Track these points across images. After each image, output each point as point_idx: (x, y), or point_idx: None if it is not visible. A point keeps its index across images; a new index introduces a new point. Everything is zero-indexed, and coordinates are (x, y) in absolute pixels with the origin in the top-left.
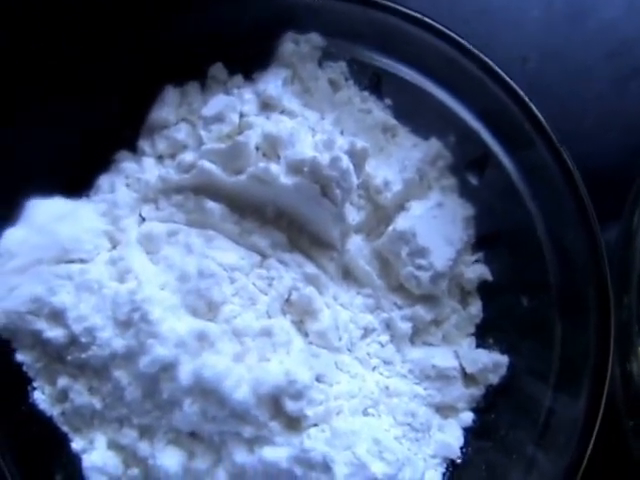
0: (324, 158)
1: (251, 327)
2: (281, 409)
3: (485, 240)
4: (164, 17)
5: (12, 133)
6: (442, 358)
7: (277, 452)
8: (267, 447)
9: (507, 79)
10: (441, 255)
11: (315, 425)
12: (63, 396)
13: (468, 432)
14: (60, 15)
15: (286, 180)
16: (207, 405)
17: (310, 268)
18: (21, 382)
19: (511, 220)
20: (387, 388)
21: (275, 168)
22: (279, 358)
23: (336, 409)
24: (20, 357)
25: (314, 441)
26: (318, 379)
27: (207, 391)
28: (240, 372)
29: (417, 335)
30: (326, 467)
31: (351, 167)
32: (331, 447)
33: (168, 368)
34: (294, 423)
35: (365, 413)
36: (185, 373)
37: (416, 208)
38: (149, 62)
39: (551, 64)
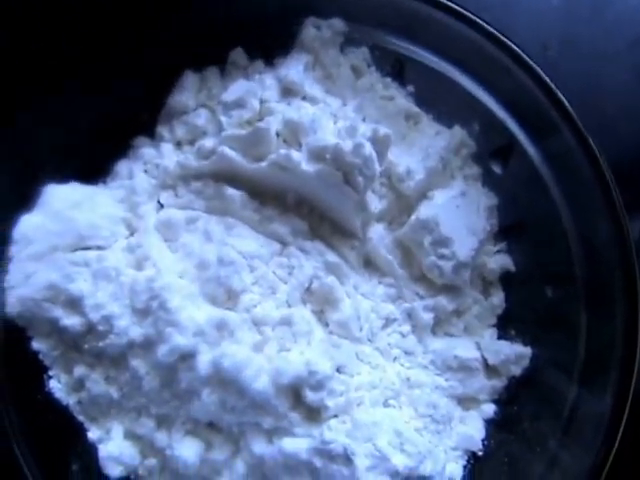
0: (346, 145)
1: (271, 316)
2: (301, 400)
3: (508, 230)
4: (184, 2)
5: (29, 118)
6: (464, 349)
7: (297, 443)
8: (287, 438)
9: (534, 65)
10: (464, 245)
11: (335, 416)
12: (79, 385)
13: (490, 424)
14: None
15: (308, 167)
16: (226, 395)
17: (331, 257)
18: (37, 370)
19: (535, 210)
20: (408, 379)
21: (296, 155)
22: (299, 348)
23: (357, 400)
24: (36, 345)
25: (335, 432)
26: (339, 370)
27: (226, 381)
28: (260, 362)
29: (438, 325)
30: (347, 459)
31: (374, 154)
32: (352, 439)
33: (187, 357)
34: (314, 414)
35: (386, 404)
36: (204, 363)
37: (439, 197)
38: (168, 47)
39: (572, 52)
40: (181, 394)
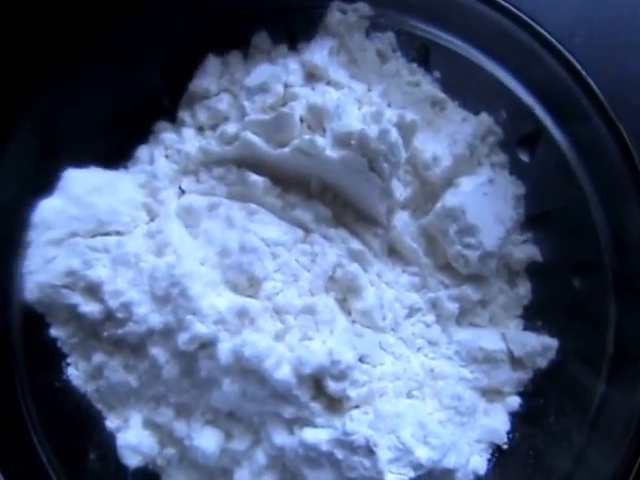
0: (372, 131)
1: (293, 304)
2: (323, 390)
3: (535, 219)
4: None
5: (48, 103)
6: (489, 340)
7: (318, 434)
8: (308, 429)
9: (563, 51)
10: (491, 234)
11: (357, 407)
12: (98, 373)
13: (515, 417)
14: None
15: (332, 153)
16: (247, 384)
17: (355, 244)
18: (55, 358)
19: (563, 199)
20: (432, 370)
21: (321, 141)
22: (322, 337)
23: (380, 391)
24: (55, 332)
25: (357, 423)
26: (362, 359)
27: (247, 370)
28: (281, 351)
29: (463, 316)
30: (369, 451)
31: (400, 140)
32: (374, 430)
33: (207, 346)
34: (336, 404)
35: (409, 395)
36: (224, 351)
37: (466, 184)
38: (190, 31)
39: (599, 39)
40: (201, 383)
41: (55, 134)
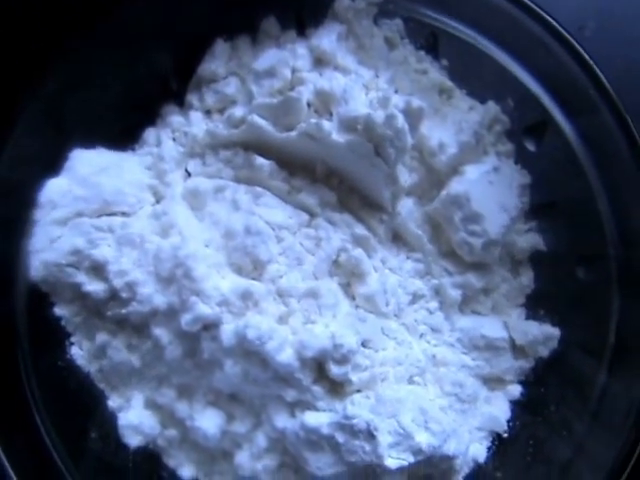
0: (378, 116)
1: (297, 288)
2: (325, 373)
3: (540, 209)
4: None
5: (57, 84)
6: (491, 328)
7: (319, 417)
8: (309, 412)
9: (572, 41)
10: (495, 222)
11: (359, 391)
12: (101, 352)
13: (516, 405)
14: None
15: (338, 137)
16: (249, 366)
17: (359, 229)
18: (59, 337)
19: (569, 189)
20: (434, 357)
21: (327, 125)
22: (325, 321)
23: (381, 376)
24: (59, 311)
25: (358, 407)
26: (364, 344)
27: (249, 352)
28: (284, 334)
29: (466, 303)
30: (370, 435)
31: (406, 126)
32: (375, 414)
33: (210, 327)
34: (338, 388)
35: (411, 381)
36: (227, 333)
37: (471, 172)
38: (199, 15)
39: (608, 35)
40: (203, 364)
41: (63, 115)
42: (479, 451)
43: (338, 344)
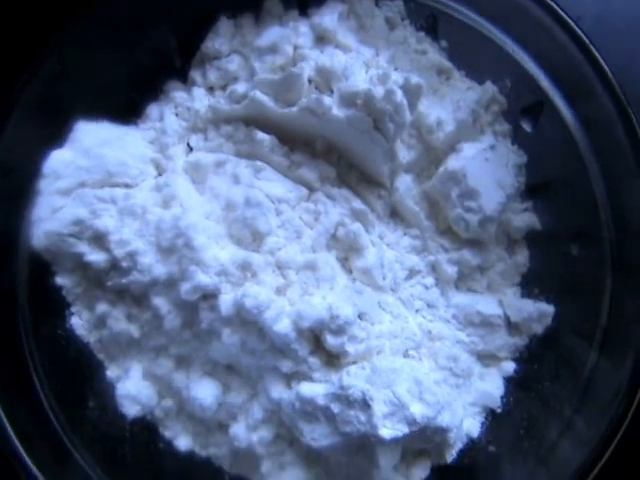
0: (378, 91)
1: (295, 260)
2: (321, 345)
3: (536, 189)
4: None
5: (63, 57)
6: (486, 305)
7: (315, 388)
8: (305, 383)
9: (572, 24)
10: (491, 198)
11: (355, 363)
12: (100, 323)
13: (509, 382)
14: None
15: (338, 112)
16: (246, 336)
17: (358, 204)
18: (59, 306)
19: (565, 170)
20: (430, 332)
21: (328, 100)
22: (322, 293)
23: (377, 348)
24: (60, 281)
25: (353, 378)
26: (360, 317)
27: (247, 322)
28: (282, 304)
29: (462, 281)
30: (365, 405)
31: (405, 101)
32: (371, 384)
33: (208, 297)
34: (334, 360)
35: (406, 355)
36: (226, 302)
37: (468, 149)
38: None
39: (605, 28)
40: (201, 335)
41: (68, 89)
42: (473, 426)
43: (335, 315)
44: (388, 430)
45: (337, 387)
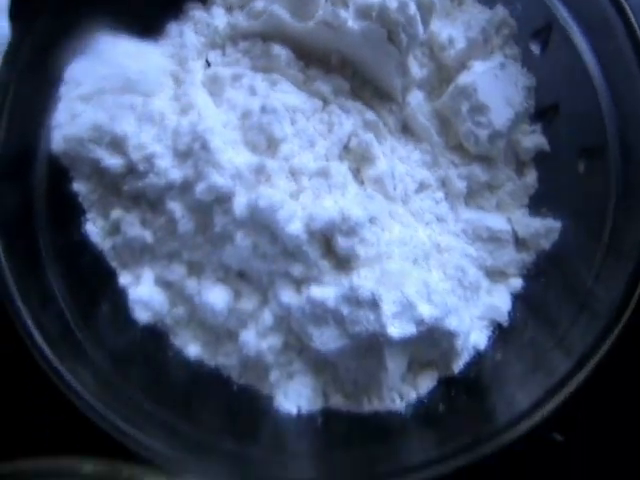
0: (392, 3)
1: (308, 167)
2: (332, 249)
3: (544, 112)
4: None
5: None
6: (495, 221)
7: (325, 291)
8: (315, 286)
9: None
10: (500, 114)
11: (365, 266)
12: (115, 229)
13: (516, 299)
14: None
15: (353, 25)
16: (259, 239)
17: (370, 115)
18: (75, 214)
19: (573, 94)
20: (438, 245)
21: (344, 13)
22: (334, 198)
23: (386, 254)
24: (77, 187)
25: (363, 280)
26: (371, 221)
27: (260, 224)
28: (295, 207)
29: (471, 197)
30: (374, 304)
31: (418, 15)
32: (380, 285)
33: (223, 200)
34: (344, 263)
35: (415, 263)
36: (240, 205)
37: (478, 66)
38: None
39: None
40: (215, 239)
41: (89, 8)
42: (480, 339)
43: (346, 217)
44: (396, 329)
45: (347, 289)
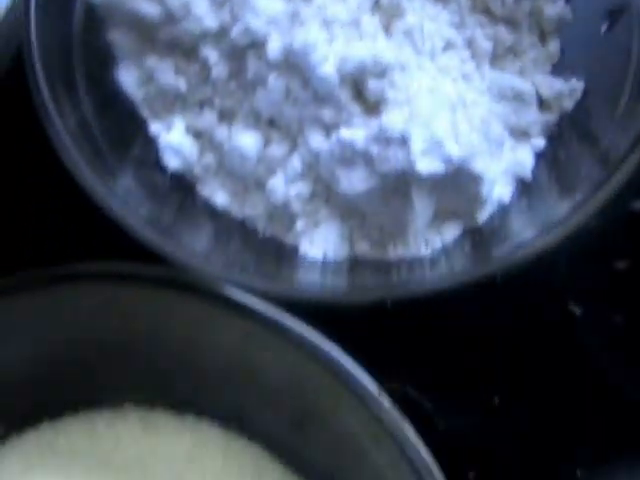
0: None
1: (340, 18)
2: (362, 93)
3: None
4: None
5: None
6: (519, 82)
7: (354, 133)
8: (345, 128)
9: None
10: None
11: (394, 109)
12: (149, 77)
13: (539, 158)
14: None
15: None
16: (291, 82)
17: None
18: (109, 62)
19: None
20: (465, 100)
21: None
22: (365, 45)
23: (416, 98)
24: (112, 36)
25: (392, 121)
26: (401, 69)
27: (293, 67)
28: (328, 50)
29: (496, 60)
30: (403, 142)
31: None
32: (409, 125)
33: (258, 44)
34: (373, 107)
35: (443, 110)
36: (274, 48)
37: None
38: None
39: None
40: (247, 85)
41: None
42: (504, 193)
43: (378, 60)
44: (424, 165)
45: (376, 129)
